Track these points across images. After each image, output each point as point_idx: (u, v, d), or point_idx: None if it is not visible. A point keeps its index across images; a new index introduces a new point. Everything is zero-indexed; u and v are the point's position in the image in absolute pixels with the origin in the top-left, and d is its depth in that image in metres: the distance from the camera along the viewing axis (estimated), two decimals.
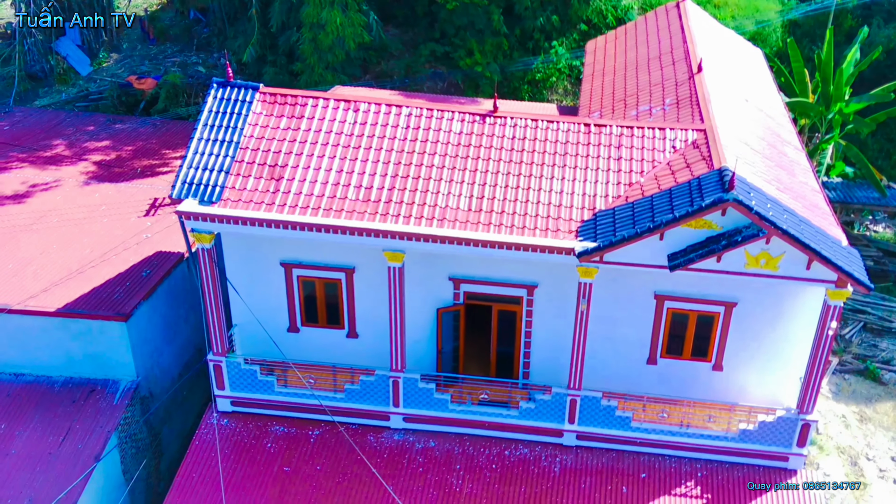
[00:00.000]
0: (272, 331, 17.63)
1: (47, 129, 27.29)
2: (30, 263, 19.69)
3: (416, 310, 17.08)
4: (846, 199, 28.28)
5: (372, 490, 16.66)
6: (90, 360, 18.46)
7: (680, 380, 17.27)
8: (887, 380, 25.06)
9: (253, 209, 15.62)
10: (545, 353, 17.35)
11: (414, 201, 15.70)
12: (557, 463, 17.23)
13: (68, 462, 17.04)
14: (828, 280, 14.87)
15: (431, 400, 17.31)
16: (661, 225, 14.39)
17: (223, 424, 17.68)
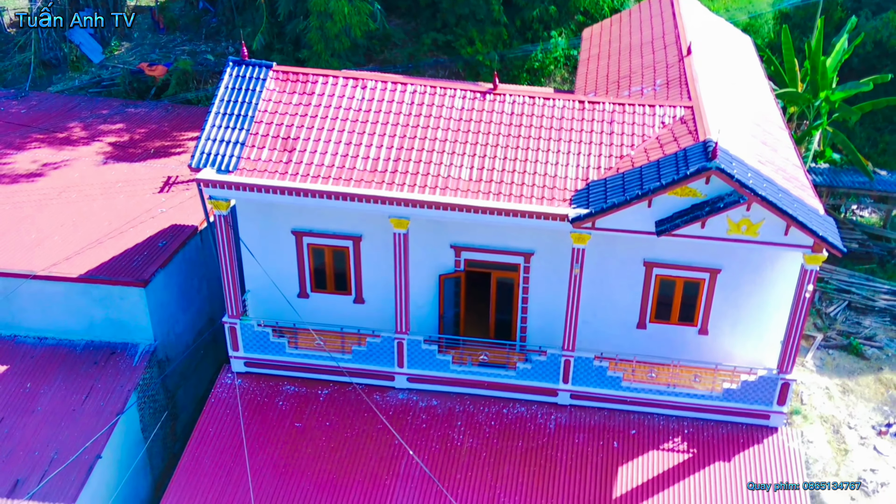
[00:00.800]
0: (282, 296, 18.69)
1: (63, 112, 28.30)
2: (52, 234, 20.72)
3: (420, 276, 18.12)
4: (832, 183, 29.31)
5: (377, 443, 17.73)
6: (110, 325, 19.49)
7: (668, 343, 18.32)
8: (869, 355, 26.12)
9: (267, 178, 16.66)
10: (541, 317, 18.40)
11: (418, 171, 16.75)
12: (552, 420, 18.30)
13: (91, 418, 18.07)
14: (804, 245, 15.92)
15: (434, 361, 18.37)
16: (649, 192, 15.44)
17: (239, 385, 18.74)
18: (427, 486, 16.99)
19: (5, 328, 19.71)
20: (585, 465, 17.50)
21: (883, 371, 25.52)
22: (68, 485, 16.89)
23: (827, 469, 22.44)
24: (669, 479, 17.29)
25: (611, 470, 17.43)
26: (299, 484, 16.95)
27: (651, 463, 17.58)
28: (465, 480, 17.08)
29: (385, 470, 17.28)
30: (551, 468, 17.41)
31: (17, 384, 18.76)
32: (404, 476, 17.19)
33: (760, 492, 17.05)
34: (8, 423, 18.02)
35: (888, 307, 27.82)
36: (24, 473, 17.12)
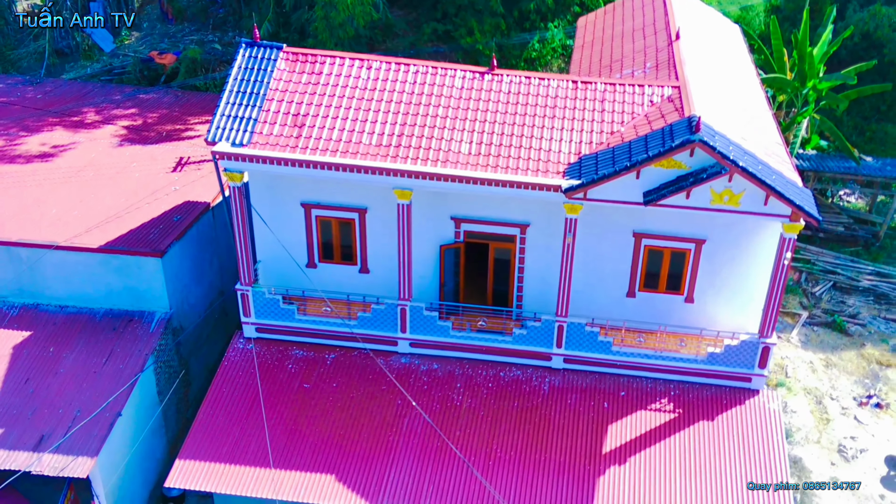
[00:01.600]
0: (292, 266, 19.77)
1: (77, 97, 29.35)
2: (71, 210, 21.76)
3: (422, 246, 19.17)
4: (819, 168, 30.36)
5: (381, 403, 18.82)
6: (128, 293, 20.55)
7: (656, 311, 19.39)
8: (853, 332, 27.20)
9: (278, 151, 17.72)
10: (536, 286, 19.48)
11: (420, 146, 17.82)
12: (546, 383, 19.38)
13: (111, 379, 19.13)
14: (782, 214, 16.99)
15: (435, 327, 19.44)
16: (637, 163, 16.51)
17: (249, 349, 19.81)
18: (428, 442, 18.07)
19: (29, 297, 20.77)
20: (577, 423, 18.59)
21: (865, 347, 26.59)
22: (91, 439, 17.96)
23: (809, 437, 23.54)
24: (656, 437, 18.37)
25: (601, 428, 18.51)
26: (308, 439, 18.04)
27: (639, 422, 18.66)
28: (464, 437, 18.16)
29: (388, 427, 18.37)
30: (545, 426, 18.50)
31: (40, 349, 19.83)
32: (407, 432, 18.28)
33: (740, 455, 18.12)
34: (33, 383, 19.09)
35: (872, 287, 28.92)
36: (48, 429, 18.18)
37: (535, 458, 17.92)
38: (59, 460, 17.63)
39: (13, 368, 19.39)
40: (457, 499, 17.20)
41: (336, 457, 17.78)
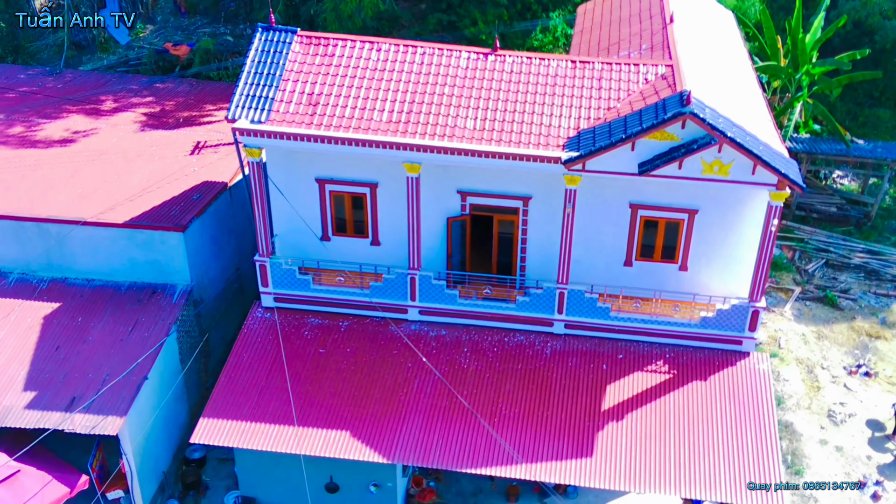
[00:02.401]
0: (307, 240, 20.90)
1: (96, 87, 30.50)
2: (96, 189, 22.90)
3: (430, 219, 20.25)
4: (812, 150, 31.38)
5: (392, 367, 19.92)
6: (151, 267, 21.68)
7: (651, 279, 20.44)
8: (844, 306, 28.24)
9: (294, 127, 18.83)
10: (538, 256, 20.54)
11: (428, 122, 18.91)
12: (548, 347, 20.46)
13: (137, 346, 20.26)
14: (769, 183, 18.04)
15: (443, 295, 20.54)
16: (632, 135, 17.58)
17: (267, 317, 20.93)
18: (436, 401, 19.18)
19: (57, 271, 21.92)
20: (577, 384, 19.68)
21: (856, 320, 27.64)
22: (120, 401, 19.09)
23: (800, 403, 24.62)
24: (652, 396, 19.44)
25: (600, 388, 19.59)
26: (325, 399, 19.15)
27: (636, 383, 19.73)
28: (470, 395, 19.26)
29: (399, 388, 19.47)
30: (547, 387, 19.59)
31: (69, 318, 20.98)
32: (416, 393, 19.38)
33: (732, 412, 19.16)
34: (63, 350, 20.23)
35: (863, 264, 29.95)
36: (79, 392, 19.32)
37: (538, 416, 19.00)
38: (89, 420, 18.77)
39: (44, 337, 20.54)
40: (463, 452, 18.30)
41: (351, 415, 18.90)
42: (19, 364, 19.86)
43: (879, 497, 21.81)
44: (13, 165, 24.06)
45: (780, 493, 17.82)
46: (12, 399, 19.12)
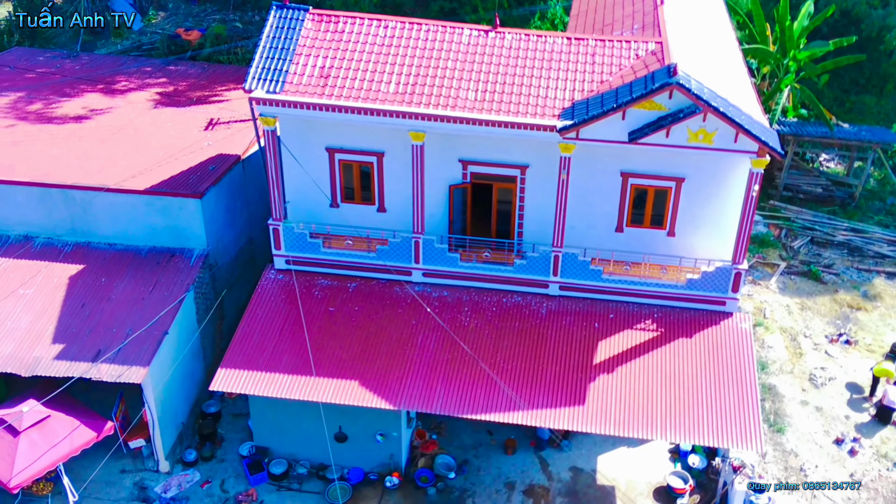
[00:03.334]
0: (317, 207, 22.19)
1: (111, 68, 31.76)
2: (117, 160, 24.16)
3: (433, 187, 21.51)
4: (798, 133, 32.68)
5: (398, 324, 21.22)
6: (170, 232, 22.94)
7: (641, 244, 21.73)
8: (827, 280, 29.59)
9: (307, 98, 20.12)
10: (535, 221, 21.82)
11: (432, 93, 20.18)
12: (544, 307, 21.77)
13: (157, 304, 21.53)
14: (750, 151, 19.34)
15: (444, 258, 21.83)
16: (623, 104, 18.87)
17: (279, 279, 22.23)
18: (439, 355, 20.48)
19: (81, 236, 23.18)
20: (571, 340, 20.98)
21: (838, 293, 28.98)
22: (142, 353, 20.38)
23: (783, 368, 25.95)
24: (640, 352, 20.74)
25: (592, 345, 20.89)
26: (334, 352, 20.44)
27: (625, 340, 21.03)
28: (471, 349, 20.54)
29: (404, 343, 20.77)
30: (542, 342, 20.89)
31: (93, 279, 22.25)
32: (420, 348, 20.68)
33: (715, 366, 20.45)
34: (88, 307, 21.50)
35: (846, 241, 31.31)
36: (104, 345, 20.59)
37: (534, 369, 20.30)
38: (115, 369, 20.05)
39: (70, 295, 21.82)
40: (464, 400, 19.59)
41: (359, 367, 20.19)
42: (48, 319, 21.14)
43: (856, 452, 23.14)
44: (38, 139, 25.34)
45: (759, 441, 19.11)
46: (42, 351, 20.41)
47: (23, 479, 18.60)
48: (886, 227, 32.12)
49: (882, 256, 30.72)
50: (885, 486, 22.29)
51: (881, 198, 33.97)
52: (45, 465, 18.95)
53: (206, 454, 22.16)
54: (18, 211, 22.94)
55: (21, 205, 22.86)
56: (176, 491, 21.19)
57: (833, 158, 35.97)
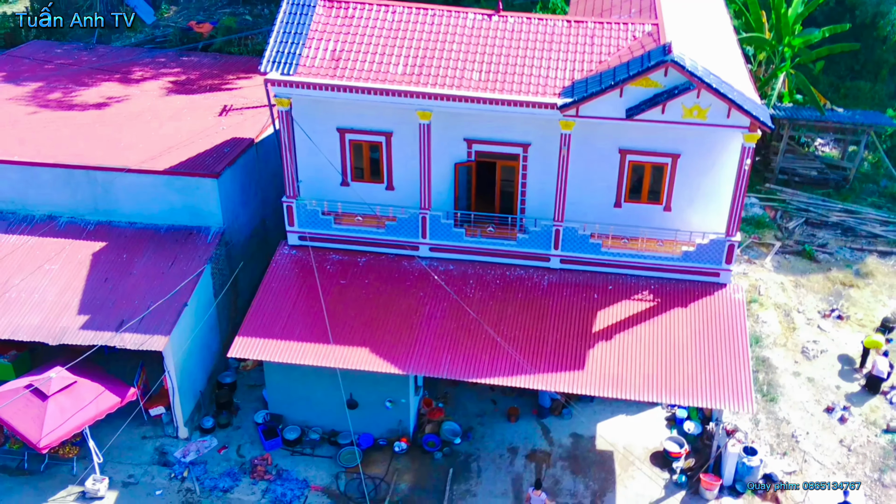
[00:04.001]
0: (328, 185, 23.21)
1: (127, 60, 32.84)
2: (136, 144, 25.20)
3: (439, 165, 22.49)
4: (793, 116, 33.59)
5: (406, 296, 22.22)
6: (187, 211, 23.97)
7: (639, 219, 22.69)
8: (820, 259, 30.50)
9: (319, 79, 21.13)
10: (536, 198, 22.79)
11: (438, 74, 21.18)
12: (545, 279, 22.74)
13: (177, 278, 22.55)
14: (742, 126, 20.28)
15: (450, 233, 22.82)
16: (621, 81, 19.84)
17: (293, 254, 23.25)
18: (445, 323, 21.47)
19: (103, 215, 24.22)
20: (571, 310, 21.94)
21: (831, 271, 29.91)
22: (164, 322, 21.41)
23: (777, 341, 26.89)
24: (637, 321, 21.70)
25: (591, 314, 21.85)
26: (346, 322, 21.44)
27: (623, 310, 21.99)
28: (475, 319, 21.53)
29: (412, 313, 21.77)
30: (544, 312, 21.86)
31: (115, 255, 23.29)
32: (427, 317, 21.68)
33: (709, 334, 21.38)
34: (112, 281, 22.53)
35: (840, 222, 32.22)
36: (126, 316, 21.62)
37: (536, 337, 21.27)
38: (137, 338, 21.09)
39: (94, 270, 22.86)
40: (469, 365, 20.57)
41: (370, 335, 21.19)
42: (72, 292, 22.19)
43: (846, 420, 24.07)
44: (61, 124, 26.42)
45: (751, 403, 20.05)
46: (68, 321, 21.45)
47: (51, 440, 19.64)
48: (880, 209, 33.04)
49: (875, 236, 31.64)
50: (874, 451, 23.22)
51: (875, 181, 34.88)
52: (72, 427, 19.97)
53: (222, 421, 23.19)
54: (43, 191, 24.00)
55: (46, 185, 23.92)
56: (194, 455, 22.21)
57: (828, 143, 36.88)
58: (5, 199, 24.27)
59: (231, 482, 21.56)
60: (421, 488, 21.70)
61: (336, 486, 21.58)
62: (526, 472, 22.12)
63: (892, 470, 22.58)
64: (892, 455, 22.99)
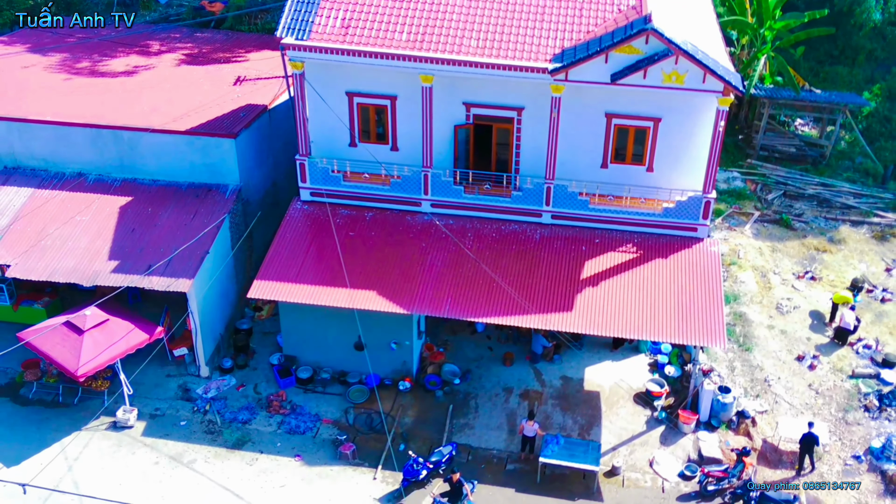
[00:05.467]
0: (337, 146, 25.16)
1: (144, 35, 34.74)
2: (158, 107, 27.11)
3: (440, 127, 24.43)
4: (773, 96, 35.60)
5: (409, 247, 24.18)
6: (207, 169, 25.89)
7: (624, 178, 24.66)
8: (797, 227, 32.54)
9: (331, 44, 23.09)
10: (529, 158, 24.75)
11: (439, 41, 23.12)
12: (538, 233, 24.72)
13: (198, 229, 24.47)
14: (716, 90, 22.25)
15: (450, 190, 24.78)
16: (606, 47, 21.80)
17: (305, 209, 25.20)
18: (445, 270, 23.46)
19: (128, 172, 26.16)
20: (561, 260, 23.93)
21: (806, 238, 31.94)
22: (188, 267, 23.35)
23: (753, 299, 28.89)
24: (621, 270, 23.69)
25: (579, 264, 23.84)
26: (355, 268, 23.38)
27: (609, 260, 23.98)
28: (473, 267, 23.51)
29: (415, 261, 23.75)
30: (536, 262, 23.84)
31: (141, 208, 25.22)
32: (429, 265, 23.65)
33: (687, 282, 23.37)
34: (138, 232, 24.46)
35: (816, 194, 34.26)
36: (153, 261, 23.55)
37: (529, 284, 23.24)
38: (164, 281, 23.04)
39: (121, 222, 24.78)
40: (467, 305, 22.56)
41: (377, 279, 23.16)
42: (103, 241, 24.11)
43: (815, 367, 26.09)
44: (89, 90, 28.34)
45: (722, 339, 21.97)
46: (100, 266, 23.37)
47: (87, 370, 21.55)
48: (854, 183, 35.07)
49: (848, 207, 33.67)
50: (839, 394, 25.23)
51: (850, 158, 36.90)
52: (107, 359, 21.89)
53: (240, 362, 25.15)
54: (74, 150, 25.93)
55: (76, 144, 25.84)
56: (215, 392, 24.16)
57: (808, 123, 38.89)
58: (38, 158, 26.20)
59: (249, 415, 23.52)
60: (423, 422, 23.68)
61: (345, 420, 23.55)
62: (520, 409, 24.12)
63: (855, 410, 24.61)
64: (856, 397, 25.02)
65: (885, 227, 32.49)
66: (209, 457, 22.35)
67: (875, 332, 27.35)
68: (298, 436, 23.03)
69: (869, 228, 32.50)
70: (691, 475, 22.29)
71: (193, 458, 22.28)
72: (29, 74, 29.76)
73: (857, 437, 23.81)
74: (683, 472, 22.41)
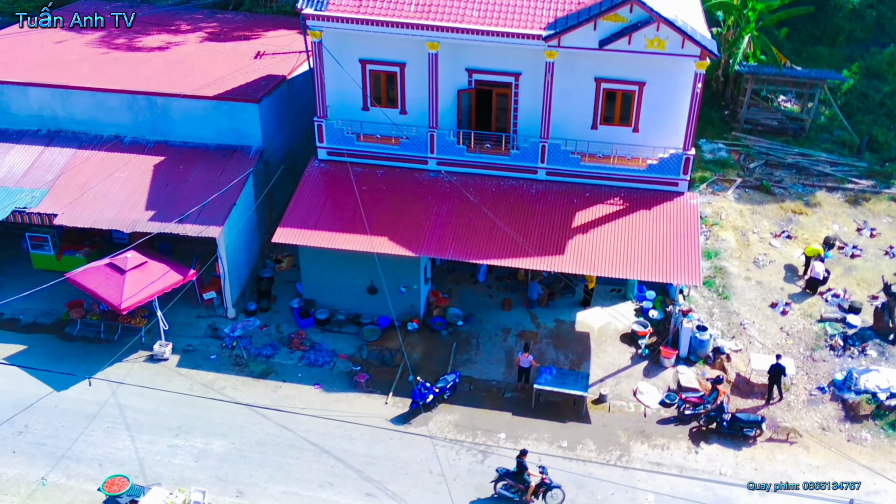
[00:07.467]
0: (351, 110, 27.66)
1: (168, 16, 37.29)
2: (187, 76, 29.62)
3: (444, 91, 26.92)
4: (756, 72, 38.03)
5: (416, 201, 26.69)
6: (232, 131, 28.40)
7: (612, 138, 27.13)
8: (776, 192, 34.94)
9: (346, 13, 25.59)
10: (527, 119, 27.22)
11: (445, 11, 25.58)
12: (534, 188, 27.20)
13: (225, 183, 26.97)
14: (694, 55, 24.72)
15: (454, 149, 27.28)
16: (594, 15, 24.28)
17: (322, 167, 27.70)
18: (450, 220, 25.97)
19: (160, 135, 28.70)
20: (554, 211, 26.42)
21: (784, 202, 34.36)
22: (217, 216, 25.87)
23: (733, 255, 31.33)
24: (609, 219, 26.19)
25: (571, 215, 26.33)
26: (368, 219, 25.87)
27: (598, 212, 26.47)
28: (475, 218, 26.00)
29: (423, 212, 26.27)
30: (532, 213, 26.33)
31: (173, 167, 27.74)
32: (435, 216, 26.16)
33: (668, 230, 25.83)
34: (171, 186, 26.99)
35: (795, 163, 36.67)
36: (186, 211, 26.05)
37: (525, 231, 25.74)
38: (196, 228, 25.56)
39: (155, 178, 27.31)
40: (470, 250, 25.08)
41: (389, 227, 25.68)
42: (139, 194, 26.64)
43: (787, 313, 28.52)
44: (124, 61, 30.89)
45: (698, 277, 24.51)
46: (138, 215, 25.91)
47: (130, 304, 24.10)
48: (831, 153, 37.47)
49: (825, 175, 36.08)
50: (808, 335, 27.68)
51: (829, 131, 39.28)
52: (146, 295, 24.43)
53: (263, 306, 27.68)
54: (111, 114, 28.47)
55: (113, 109, 28.38)
56: (241, 331, 26.67)
57: (790, 99, 41.29)
58: (79, 121, 28.75)
59: (272, 351, 26.05)
60: (430, 357, 26.19)
61: (359, 355, 26.06)
62: (517, 347, 26.60)
63: (821, 349, 27.07)
64: (822, 338, 27.47)
65: (859, 192, 34.93)
66: (237, 384, 24.88)
67: (844, 284, 29.79)
68: (317, 368, 25.56)
69: (843, 194, 34.92)
70: (671, 403, 24.78)
71: (223, 385, 24.81)
72: (65, 49, 32.30)
73: (822, 371, 26.28)
74: (664, 401, 24.90)
